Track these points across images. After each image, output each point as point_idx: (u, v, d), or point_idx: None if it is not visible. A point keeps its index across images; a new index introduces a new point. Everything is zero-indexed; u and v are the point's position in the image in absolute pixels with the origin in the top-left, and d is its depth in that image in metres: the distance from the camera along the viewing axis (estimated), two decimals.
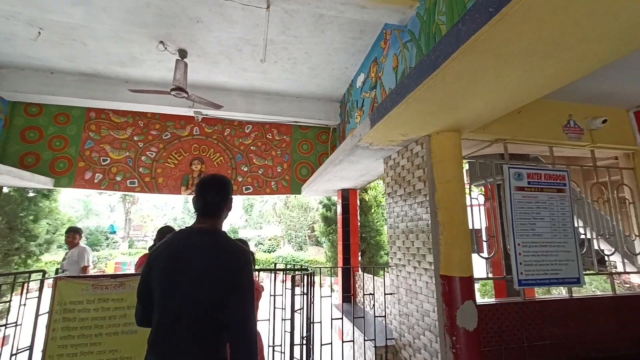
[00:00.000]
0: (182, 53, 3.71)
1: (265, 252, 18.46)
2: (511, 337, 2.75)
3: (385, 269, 3.49)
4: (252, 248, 17.16)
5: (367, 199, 6.91)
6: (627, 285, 7.97)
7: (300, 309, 2.77)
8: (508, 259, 2.88)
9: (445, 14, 2.19)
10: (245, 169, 5.51)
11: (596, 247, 3.41)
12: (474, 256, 3.05)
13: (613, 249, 3.48)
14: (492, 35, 1.40)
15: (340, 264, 5.35)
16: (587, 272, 3.38)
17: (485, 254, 3.02)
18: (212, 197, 1.45)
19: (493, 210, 3.19)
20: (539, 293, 5.55)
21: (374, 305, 3.45)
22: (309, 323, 2.98)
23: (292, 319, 2.49)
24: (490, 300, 2.90)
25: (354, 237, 5.32)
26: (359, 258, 5.54)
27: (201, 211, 1.45)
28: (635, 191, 3.41)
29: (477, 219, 3.35)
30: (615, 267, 3.74)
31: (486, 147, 3.10)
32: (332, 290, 4.80)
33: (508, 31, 1.37)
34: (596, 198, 3.35)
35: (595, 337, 2.98)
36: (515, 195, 2.87)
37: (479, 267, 3.02)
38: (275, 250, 18.39)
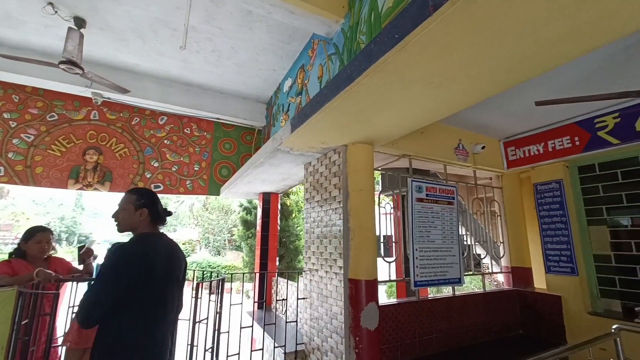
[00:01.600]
0: (79, 22, 3.14)
1: None
2: (406, 333, 3.05)
3: (300, 273, 3.53)
4: None
5: (288, 204, 6.92)
6: (496, 283, 9.79)
7: (205, 319, 2.56)
8: (408, 262, 3.21)
9: (365, 33, 2.36)
10: (156, 165, 4.94)
11: (475, 251, 4.08)
12: (383, 260, 3.32)
13: (485, 253, 4.22)
14: (398, 59, 1.54)
15: (257, 269, 5.20)
16: (467, 273, 4.00)
17: (389, 258, 3.30)
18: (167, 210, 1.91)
19: (398, 219, 3.53)
20: (433, 292, 6.36)
21: (285, 311, 3.43)
22: (215, 333, 2.79)
23: (192, 331, 2.28)
24: (391, 300, 3.17)
25: (272, 241, 5.24)
26: (277, 263, 5.48)
27: (163, 219, 1.81)
28: (501, 206, 4.22)
29: (389, 226, 3.66)
30: (488, 268, 4.54)
31: (395, 161, 3.42)
32: (247, 297, 4.62)
33: (410, 58, 1.53)
34: (475, 211, 4.01)
35: (472, 328, 3.52)
36: (415, 205, 3.23)
37: (390, 271, 3.29)
38: (189, 256, 16.93)
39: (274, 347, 3.20)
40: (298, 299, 3.29)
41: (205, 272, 5.04)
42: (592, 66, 2.43)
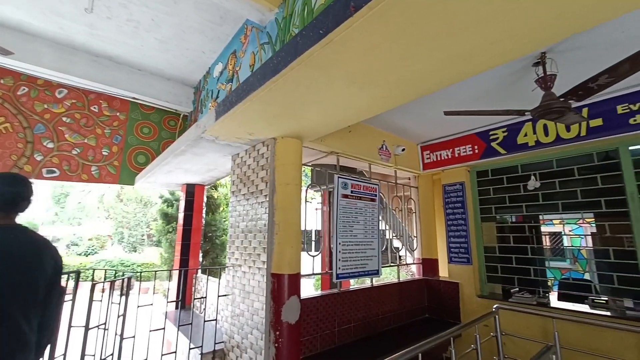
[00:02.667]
0: None
1: (81, 255, 14.55)
2: (326, 324, 3.16)
3: (223, 269, 3.37)
4: (62, 250, 13.22)
5: (216, 197, 6.55)
6: (412, 273, 10.90)
7: (103, 325, 2.25)
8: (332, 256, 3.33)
9: (298, 27, 2.32)
10: (51, 146, 4.16)
11: (393, 245, 4.45)
12: (307, 254, 3.36)
13: (402, 246, 4.63)
14: (323, 55, 1.55)
15: (176, 265, 4.80)
16: (384, 265, 4.33)
17: (313, 252, 3.37)
18: (17, 191, 1.48)
19: (324, 214, 3.62)
20: (359, 283, 6.76)
21: (204, 309, 3.25)
22: (118, 339, 2.47)
23: (84, 339, 1.97)
24: (313, 293, 3.25)
25: (195, 236, 4.90)
26: (200, 259, 5.15)
27: (11, 207, 1.46)
28: (417, 204, 4.68)
29: (319, 221, 3.73)
30: (405, 260, 4.97)
31: (323, 158, 3.50)
32: (165, 296, 4.23)
33: (334, 56, 1.56)
34: (394, 207, 4.37)
35: (386, 315, 3.84)
36: (341, 201, 3.36)
37: (314, 264, 3.35)
38: (97, 253, 14.79)
39: (189, 349, 3.00)
40: (219, 296, 3.13)
41: (116, 272, 4.46)
42: (488, 85, 2.84)
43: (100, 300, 2.34)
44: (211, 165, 3.84)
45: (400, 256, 5.52)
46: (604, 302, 3.23)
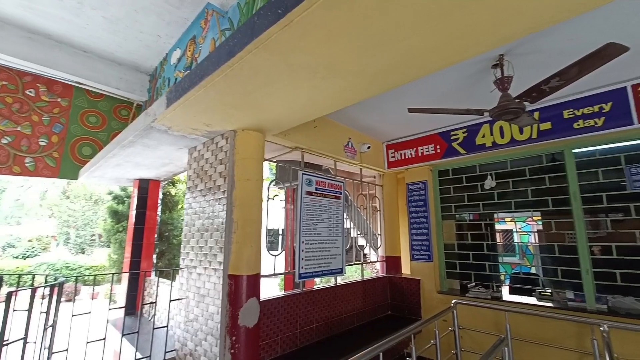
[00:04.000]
0: None
1: (18, 257, 13.03)
2: (287, 326, 3.05)
3: (177, 271, 3.12)
4: None
5: (173, 193, 6.14)
6: (376, 271, 11.11)
7: (22, 338, 1.94)
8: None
9: None
10: None
11: (358, 243, 4.43)
12: (269, 254, 3.22)
13: (366, 244, 4.64)
14: (282, 39, 1.44)
15: (125, 268, 4.41)
16: (348, 263, 4.31)
17: (275, 252, 3.24)
18: None
19: (287, 212, 3.50)
20: (324, 282, 6.72)
21: (154, 315, 2.98)
22: (45, 352, 2.16)
23: None
24: (274, 294, 3.12)
25: (149, 236, 4.53)
26: (154, 260, 4.78)
27: None
28: (381, 202, 4.72)
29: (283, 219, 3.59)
30: (369, 258, 5.00)
31: (287, 153, 3.38)
32: (114, 302, 3.85)
33: (294, 41, 1.45)
34: (359, 205, 4.37)
35: (351, 314, 3.80)
36: (305, 198, 3.26)
37: (275, 264, 3.22)
38: (37, 255, 13.33)
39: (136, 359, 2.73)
40: (170, 300, 2.89)
41: (60, 276, 3.98)
42: (450, 85, 2.89)
43: (26, 310, 2.02)
44: (166, 159, 3.55)
45: (365, 254, 5.55)
46: (549, 294, 3.45)
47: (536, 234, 4.24)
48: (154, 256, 4.65)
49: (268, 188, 3.21)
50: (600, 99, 2.93)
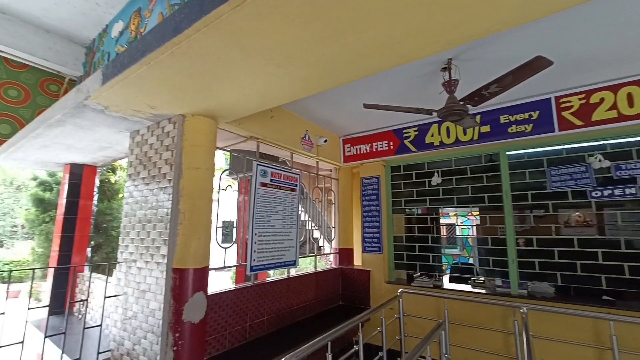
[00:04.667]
0: None
1: None
2: (236, 319, 2.97)
3: (114, 266, 2.86)
4: None
5: (114, 181, 5.59)
6: (330, 262, 11.37)
7: None
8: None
9: None
10: None
11: (313, 235, 4.47)
12: (219, 246, 3.10)
13: (321, 236, 4.70)
14: (234, 20, 1.36)
15: (53, 262, 3.94)
16: (304, 255, 4.33)
17: (226, 244, 3.13)
18: None
19: (243, 203, 3.40)
20: (278, 274, 6.68)
21: (85, 313, 2.71)
22: None
23: None
24: (223, 288, 3.02)
25: (82, 227, 4.09)
26: (89, 254, 4.34)
27: None
28: (336, 195, 4.80)
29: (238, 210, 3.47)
30: (323, 250, 5.08)
31: (242, 142, 3.26)
32: (38, 300, 3.41)
33: (248, 23, 1.38)
34: (315, 198, 4.40)
35: (303, 305, 3.83)
36: (259, 190, 3.18)
37: (232, 256, 3.11)
38: None
39: None
40: (106, 297, 2.64)
41: None
42: (403, 85, 3.01)
43: None
44: (103, 142, 3.21)
45: (320, 247, 5.62)
46: (482, 282, 3.82)
47: (474, 227, 4.65)
48: (89, 250, 4.21)
49: (220, 178, 3.07)
50: (530, 108, 3.27)
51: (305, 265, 9.01)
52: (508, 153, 3.67)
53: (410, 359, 2.09)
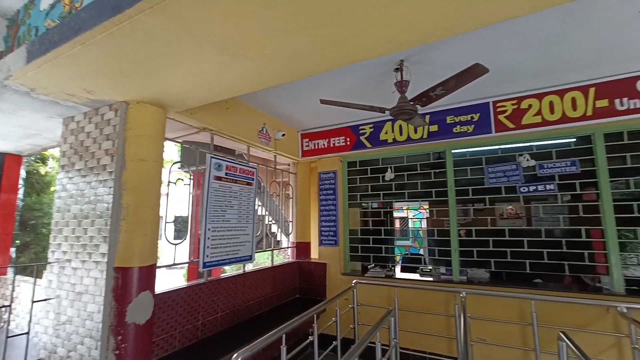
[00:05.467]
0: None
1: None
2: (187, 318, 2.86)
3: (43, 268, 2.57)
4: None
5: (43, 172, 4.98)
6: (289, 256, 11.39)
7: None
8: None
9: None
10: None
11: (271, 230, 4.43)
12: (168, 242, 2.94)
13: (278, 230, 4.69)
14: (184, 5, 1.29)
15: None
16: (259, 250, 4.29)
17: (177, 240, 2.98)
18: None
19: (195, 197, 3.25)
20: (234, 269, 6.52)
21: (8, 321, 2.41)
22: None
23: None
24: (172, 286, 2.88)
25: (5, 224, 3.60)
26: (12, 255, 3.84)
27: None
28: (294, 189, 4.81)
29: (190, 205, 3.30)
30: (281, 244, 5.08)
31: (195, 134, 3.11)
32: None
33: (198, 8, 1.32)
34: (273, 192, 4.36)
35: (259, 300, 3.80)
36: (213, 183, 3.07)
37: (184, 252, 2.97)
38: None
39: None
40: (34, 301, 2.38)
41: None
42: (359, 82, 3.09)
43: None
44: (30, 128, 2.85)
45: (279, 241, 5.60)
46: (429, 270, 4.12)
47: (425, 220, 4.98)
48: (13, 250, 3.72)
49: (170, 171, 2.91)
50: (472, 110, 3.57)
51: (264, 260, 8.92)
52: (453, 151, 3.97)
53: (360, 346, 2.19)
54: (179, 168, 3.62)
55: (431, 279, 3.95)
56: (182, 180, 3.04)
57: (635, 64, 2.81)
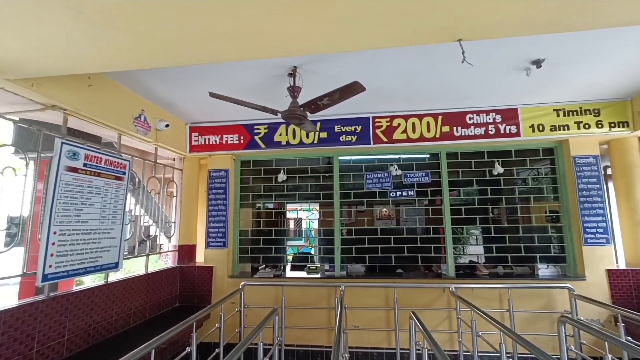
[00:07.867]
0: None
1: None
2: (14, 349, 2.21)
3: None
4: None
5: None
6: (170, 260, 10.20)
7: None
8: None
9: None
10: None
11: (149, 232, 3.88)
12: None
13: (158, 232, 4.16)
14: None
15: None
16: (130, 255, 3.71)
17: (4, 248, 2.27)
18: None
19: (33, 192, 2.55)
20: (94, 280, 5.40)
21: None
22: None
23: None
24: None
25: None
26: None
27: None
28: (179, 187, 4.37)
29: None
30: (162, 247, 4.48)
31: (39, 111, 2.45)
32: None
33: None
34: (152, 189, 3.84)
35: (125, 314, 3.25)
36: (64, 176, 2.48)
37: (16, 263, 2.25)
38: None
39: None
40: None
41: None
42: (254, 82, 3.06)
43: None
44: None
45: (160, 245, 4.96)
46: (315, 268, 4.39)
47: (316, 220, 5.27)
48: None
49: None
50: (356, 122, 4.02)
51: (139, 267, 7.75)
52: (340, 158, 4.37)
53: (240, 349, 2.14)
54: (13, 154, 2.80)
55: (318, 275, 4.21)
56: (15, 170, 2.34)
57: (464, 102, 3.73)
